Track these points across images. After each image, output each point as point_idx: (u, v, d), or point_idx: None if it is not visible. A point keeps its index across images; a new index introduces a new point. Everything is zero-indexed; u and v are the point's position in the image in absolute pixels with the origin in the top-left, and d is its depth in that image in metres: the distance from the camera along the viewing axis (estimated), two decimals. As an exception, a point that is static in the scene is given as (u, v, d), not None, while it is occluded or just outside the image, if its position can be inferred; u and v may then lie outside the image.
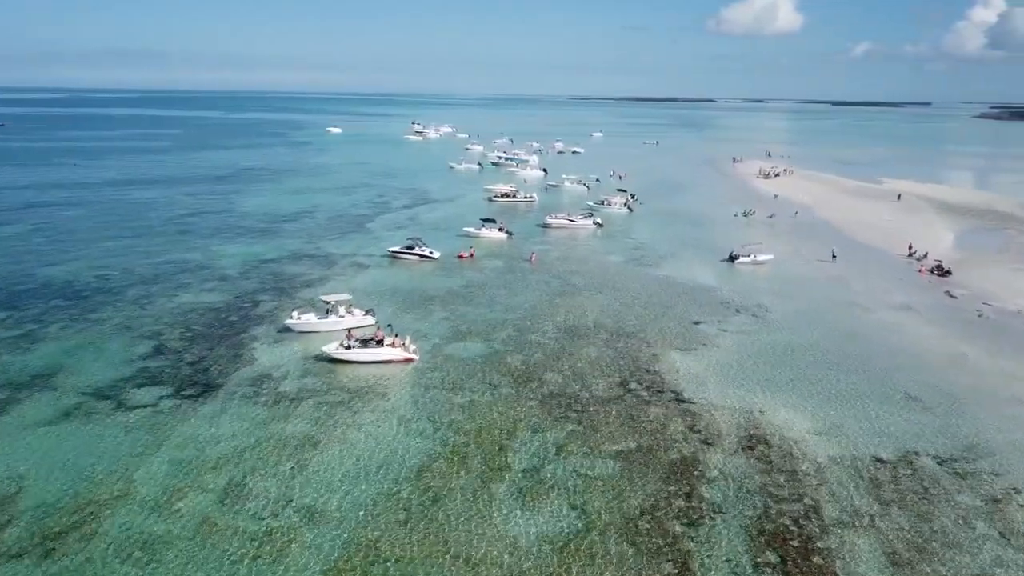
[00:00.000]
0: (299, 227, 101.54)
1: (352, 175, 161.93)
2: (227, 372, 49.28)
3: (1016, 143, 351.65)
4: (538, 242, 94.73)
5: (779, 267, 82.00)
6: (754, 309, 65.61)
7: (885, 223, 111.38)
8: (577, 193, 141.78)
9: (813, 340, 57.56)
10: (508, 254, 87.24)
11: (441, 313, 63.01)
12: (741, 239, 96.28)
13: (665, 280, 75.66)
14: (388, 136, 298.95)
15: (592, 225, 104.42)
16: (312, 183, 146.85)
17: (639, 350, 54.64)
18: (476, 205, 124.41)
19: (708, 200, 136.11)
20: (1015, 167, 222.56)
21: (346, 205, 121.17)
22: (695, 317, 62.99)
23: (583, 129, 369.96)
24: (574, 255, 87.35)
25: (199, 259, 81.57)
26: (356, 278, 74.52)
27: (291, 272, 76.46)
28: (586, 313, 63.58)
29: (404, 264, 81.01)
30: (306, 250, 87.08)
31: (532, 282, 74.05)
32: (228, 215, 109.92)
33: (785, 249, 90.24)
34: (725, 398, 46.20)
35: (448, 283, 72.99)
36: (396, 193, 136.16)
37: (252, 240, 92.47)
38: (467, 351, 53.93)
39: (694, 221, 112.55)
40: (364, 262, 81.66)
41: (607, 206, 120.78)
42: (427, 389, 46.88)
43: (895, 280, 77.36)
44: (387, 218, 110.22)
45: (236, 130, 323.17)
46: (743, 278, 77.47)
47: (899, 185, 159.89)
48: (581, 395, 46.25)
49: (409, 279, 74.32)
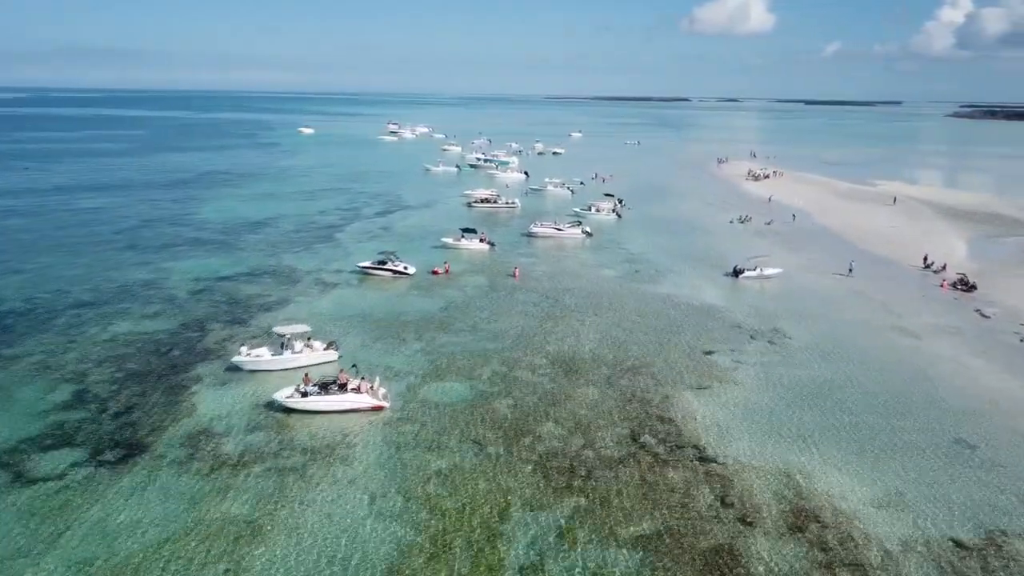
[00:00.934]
0: (261, 238, 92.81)
1: (322, 179, 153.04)
2: (159, 427, 40.88)
3: (993, 142, 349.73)
4: (523, 253, 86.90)
5: (789, 282, 74.82)
6: (770, 335, 58.25)
7: (890, 230, 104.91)
8: (561, 197, 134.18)
9: (843, 375, 50.27)
10: (491, 268, 79.32)
11: (416, 343, 54.93)
12: (740, 248, 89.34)
13: (666, 299, 68.13)
14: (362, 137, 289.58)
15: (581, 234, 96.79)
16: (278, 188, 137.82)
17: (647, 390, 46.99)
18: (454, 211, 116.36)
19: (700, 204, 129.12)
20: (1000, 167, 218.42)
21: (313, 212, 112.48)
22: (706, 345, 55.50)
23: (561, 129, 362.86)
24: (563, 269, 79.60)
25: (145, 277, 72.74)
26: (320, 300, 66.18)
27: (248, 293, 67.92)
28: (582, 341, 55.85)
29: (375, 282, 72.78)
30: (267, 265, 78.50)
31: (519, 302, 66.19)
32: (183, 225, 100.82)
33: (792, 261, 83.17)
34: (757, 455, 38.67)
35: (424, 305, 64.92)
36: (368, 199, 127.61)
37: (207, 254, 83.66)
38: (447, 394, 45.95)
39: (688, 228, 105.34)
40: (331, 279, 73.27)
41: (594, 212, 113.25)
42: (399, 449, 38.84)
43: (918, 297, 70.49)
44: (358, 227, 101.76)
45: (203, 131, 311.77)
46: (751, 296, 70.20)
47: (892, 187, 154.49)
48: (585, 455, 38.46)
49: (380, 300, 66.12)
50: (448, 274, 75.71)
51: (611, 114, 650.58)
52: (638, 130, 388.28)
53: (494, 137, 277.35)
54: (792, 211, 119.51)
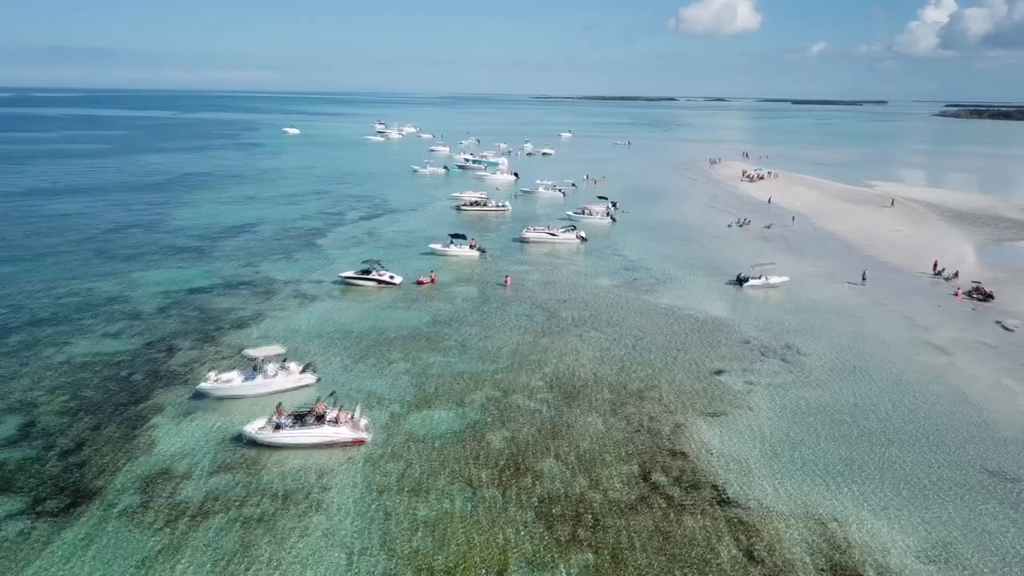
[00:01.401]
0: (238, 245, 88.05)
1: (305, 181, 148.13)
2: (111, 468, 36.33)
3: (982, 142, 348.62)
4: (515, 260, 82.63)
5: (797, 292, 70.87)
6: (782, 351, 54.25)
7: (894, 234, 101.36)
8: (552, 200, 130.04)
9: (869, 398, 46.29)
10: (481, 276, 75.03)
11: (402, 364, 50.52)
12: (741, 254, 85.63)
13: (668, 311, 64.02)
14: (348, 137, 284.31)
15: (575, 240, 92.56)
16: (259, 191, 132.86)
17: (656, 418, 42.81)
18: (443, 215, 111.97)
19: (696, 207, 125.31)
20: (994, 167, 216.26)
21: (295, 217, 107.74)
22: (714, 364, 51.42)
23: (550, 129, 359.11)
24: (558, 278, 75.38)
25: (112, 289, 67.95)
26: (299, 314, 61.59)
27: (221, 307, 63.26)
28: (581, 360, 51.63)
29: (359, 293, 68.29)
30: (243, 276, 73.82)
31: (512, 315, 61.90)
32: (157, 230, 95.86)
33: (797, 268, 79.28)
34: (783, 497, 34.57)
35: (411, 318, 60.52)
36: (353, 202, 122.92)
37: (181, 262, 78.90)
38: (435, 424, 41.61)
39: (685, 233, 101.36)
40: (311, 291, 68.71)
41: (588, 216, 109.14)
42: (382, 493, 34.48)
43: (933, 307, 66.68)
44: (342, 232, 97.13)
45: (185, 131, 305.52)
46: (758, 307, 66.20)
47: (889, 189, 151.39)
48: (591, 499, 34.23)
49: (363, 314, 61.63)
50: (434, 283, 71.40)
51: (599, 114, 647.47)
52: (627, 130, 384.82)
53: (482, 137, 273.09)
54: (791, 214, 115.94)
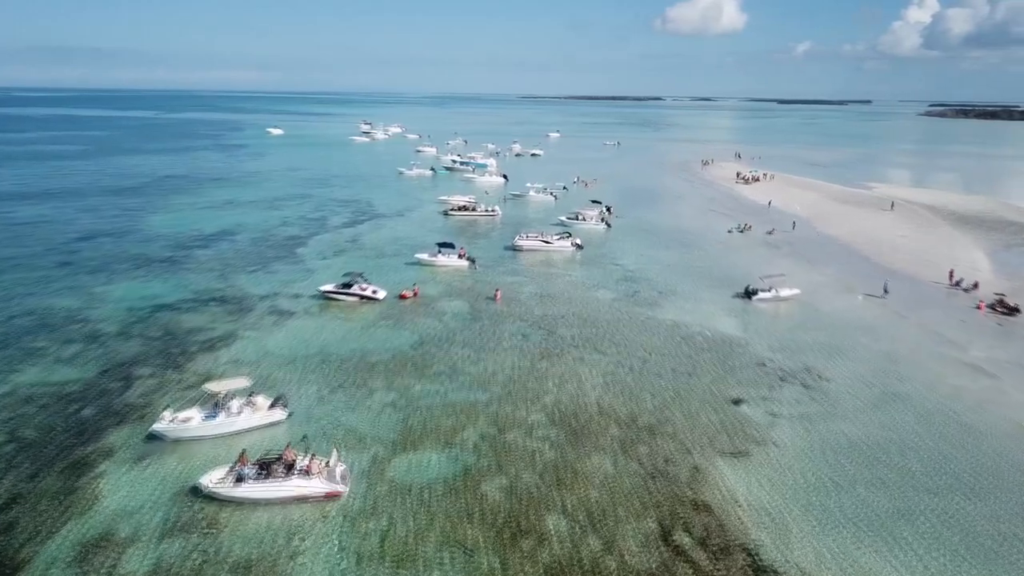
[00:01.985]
0: (213, 255, 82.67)
1: (287, 184, 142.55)
2: (44, 532, 31.20)
3: (972, 141, 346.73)
4: (507, 271, 77.71)
5: (810, 305, 66.32)
6: (803, 375, 49.64)
7: (901, 240, 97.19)
8: (544, 204, 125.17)
9: (906, 431, 41.70)
10: (471, 289, 70.07)
11: (385, 394, 45.51)
12: (745, 262, 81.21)
13: (674, 329, 59.29)
14: (333, 137, 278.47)
15: (571, 247, 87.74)
16: (239, 195, 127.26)
17: (672, 459, 38.03)
18: (430, 220, 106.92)
19: (693, 211, 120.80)
20: (987, 167, 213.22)
21: (275, 223, 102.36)
22: (730, 391, 46.73)
23: (538, 128, 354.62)
24: (554, 290, 70.50)
25: (71, 306, 62.54)
26: (273, 335, 56.39)
27: (189, 326, 57.99)
28: (584, 388, 46.80)
29: (340, 309, 63.15)
30: (216, 289, 68.53)
31: (506, 334, 56.98)
32: (128, 239, 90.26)
33: (806, 279, 74.75)
34: (827, 562, 29.86)
35: (396, 339, 55.50)
36: (336, 206, 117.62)
37: (150, 275, 73.48)
38: (422, 471, 36.65)
39: (685, 239, 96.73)
40: (287, 307, 63.50)
41: (581, 221, 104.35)
42: (360, 562, 29.50)
43: (957, 322, 62.25)
44: (323, 240, 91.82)
45: (169, 132, 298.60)
46: (770, 323, 61.58)
47: (887, 190, 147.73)
48: (604, 565, 29.40)
49: (344, 334, 56.51)
50: (417, 297, 66.39)
51: (587, 113, 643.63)
52: (616, 130, 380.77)
53: (470, 137, 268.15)
54: (792, 219, 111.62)
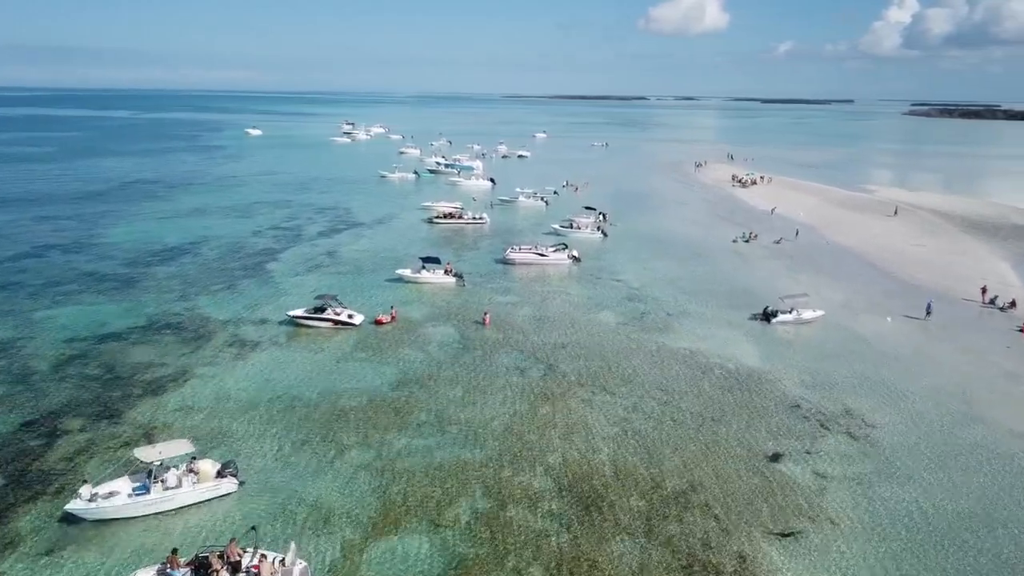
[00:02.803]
0: (174, 271, 75.03)
1: (263, 189, 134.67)
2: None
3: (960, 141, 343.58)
4: (499, 288, 70.63)
5: (837, 329, 59.67)
6: (845, 420, 42.93)
7: (916, 249, 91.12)
8: (534, 210, 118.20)
9: (987, 499, 34.99)
10: (460, 311, 62.95)
11: (358, 453, 38.31)
12: (755, 276, 74.95)
13: (690, 360, 52.47)
14: (313, 138, 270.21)
15: (567, 260, 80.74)
16: (210, 201, 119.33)
17: (709, 543, 31.11)
18: (413, 230, 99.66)
19: (692, 218, 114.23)
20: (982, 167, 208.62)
21: (246, 233, 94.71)
22: (765, 443, 39.92)
23: (523, 129, 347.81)
24: (551, 312, 63.49)
25: (4, 337, 54.84)
26: (232, 372, 48.98)
27: (136, 361, 50.47)
28: (595, 441, 39.81)
29: (311, 337, 55.82)
30: (172, 314, 60.97)
31: (500, 368, 49.93)
32: (82, 252, 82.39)
33: (826, 296, 68.17)
34: None
35: (373, 377, 48.30)
36: (313, 214, 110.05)
37: (99, 297, 65.79)
38: (402, 565, 29.50)
39: (687, 250, 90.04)
40: (252, 336, 56.08)
41: (576, 230, 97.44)
42: None
43: (1003, 348, 55.84)
44: (297, 254, 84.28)
45: (144, 132, 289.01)
46: (795, 351, 54.87)
47: (888, 194, 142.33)
48: None
49: (313, 370, 49.22)
50: (395, 321, 59.17)
51: (572, 113, 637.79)
52: (603, 130, 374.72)
53: (454, 138, 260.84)
54: (796, 225, 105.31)
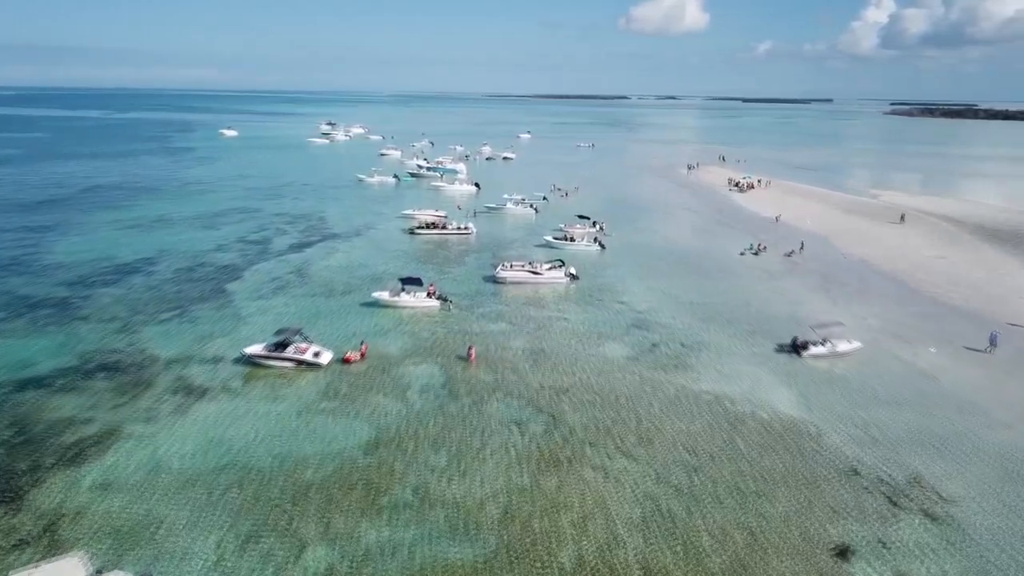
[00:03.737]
0: (121, 294, 66.38)
1: (232, 195, 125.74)
2: None
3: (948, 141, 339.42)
4: (489, 314, 62.63)
5: (878, 365, 52.14)
6: (916, 493, 35.31)
7: (940, 263, 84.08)
8: (523, 219, 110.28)
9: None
10: (444, 343, 54.90)
11: (320, 551, 30.16)
12: (772, 296, 67.73)
13: (715, 407, 44.73)
14: (290, 139, 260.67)
15: (564, 279, 72.84)
16: (174, 209, 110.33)
17: None
18: (392, 241, 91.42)
19: (692, 226, 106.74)
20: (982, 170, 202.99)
21: (208, 247, 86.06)
22: (825, 530, 32.22)
23: (506, 129, 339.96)
24: (550, 344, 55.52)
25: (-97, 382, 46.11)
26: (171, 433, 40.58)
27: (56, 417, 41.97)
28: (618, 532, 31.92)
29: (269, 381, 47.54)
30: (110, 351, 52.42)
31: (493, 422, 41.94)
32: (19, 271, 73.47)
33: (855, 321, 60.65)
34: None
35: (339, 435, 40.13)
36: (284, 224, 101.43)
37: (28, 327, 57.06)
38: None
39: (692, 264, 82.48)
40: (201, 380, 47.69)
41: (571, 242, 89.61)
42: None
43: (1073, 390, 48.57)
44: (262, 272, 75.79)
45: (113, 133, 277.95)
46: (836, 393, 47.27)
47: (893, 199, 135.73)
48: None
49: (269, 428, 40.95)
50: (364, 359, 50.99)
51: (555, 113, 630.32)
52: (588, 130, 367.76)
53: (436, 139, 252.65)
54: (803, 234, 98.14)
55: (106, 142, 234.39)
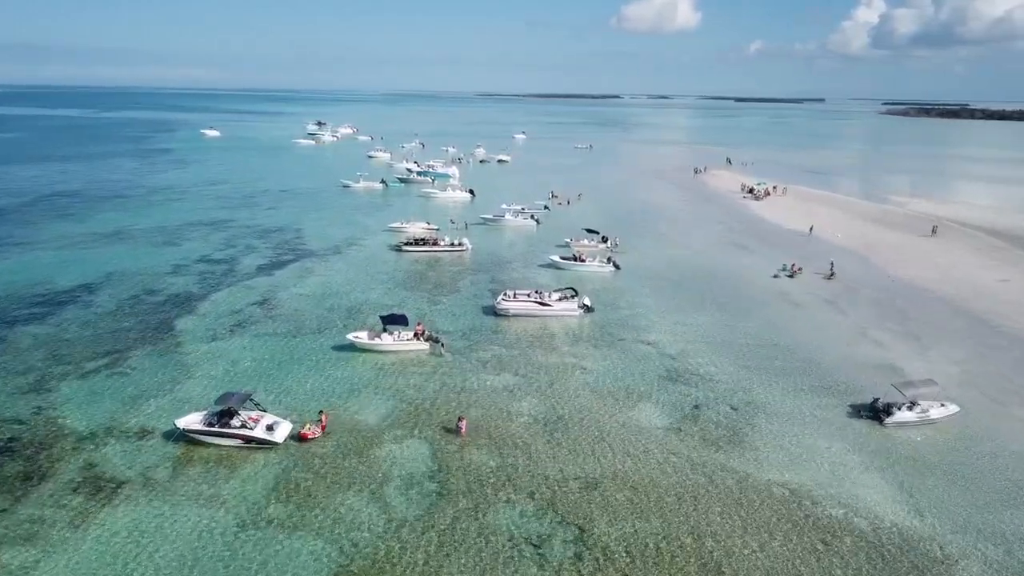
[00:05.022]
0: (45, 334, 54.98)
1: (202, 204, 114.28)
2: None
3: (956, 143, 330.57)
4: (489, 361, 51.50)
5: (991, 437, 41.29)
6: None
7: (1001, 286, 73.63)
8: (523, 232, 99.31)
9: None
10: (432, 405, 43.85)
11: None
12: (826, 336, 56.76)
13: (795, 511, 33.79)
14: (275, 140, 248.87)
15: (576, 311, 61.76)
16: (132, 221, 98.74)
17: None
18: (376, 261, 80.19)
19: (711, 240, 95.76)
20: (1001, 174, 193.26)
21: (163, 269, 74.68)
22: None
23: (500, 129, 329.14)
24: (565, 407, 44.47)
25: None
26: (63, 556, 29.36)
27: (-95, 532, 30.67)
28: None
29: (206, 469, 36.34)
30: (10, 421, 41.05)
31: (499, 542, 30.94)
32: (-69, 304, 61.95)
33: (935, 368, 49.82)
34: None
35: (290, 567, 28.98)
36: (254, 239, 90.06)
37: (-83, 384, 45.62)
38: None
39: (721, 290, 71.57)
40: (116, 467, 36.42)
41: (579, 262, 78.53)
42: None
43: None
44: (221, 302, 64.43)
45: (88, 133, 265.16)
46: (947, 483, 36.36)
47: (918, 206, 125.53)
48: None
49: (195, 555, 29.77)
50: (324, 432, 39.75)
51: (548, 112, 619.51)
52: (583, 130, 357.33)
53: (428, 139, 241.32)
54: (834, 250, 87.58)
55: (80, 143, 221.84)
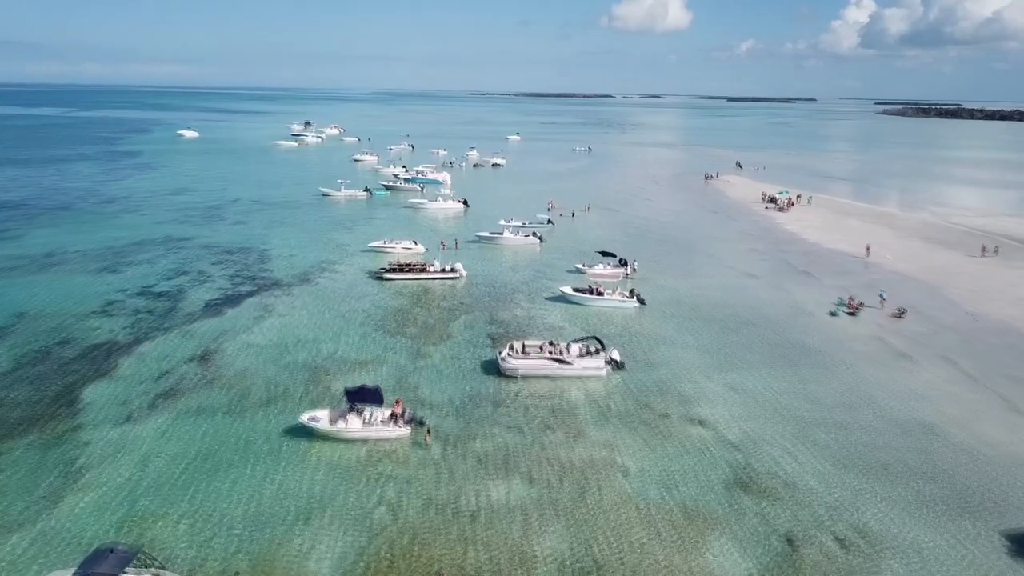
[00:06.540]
0: (-98, 412, 41.15)
1: (159, 217, 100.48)
2: None
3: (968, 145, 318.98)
4: (489, 454, 38.12)
5: None
6: None
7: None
8: (526, 253, 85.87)
9: None
10: (408, 543, 30.45)
11: None
12: (924, 409, 43.53)
13: None
14: (255, 141, 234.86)
15: (603, 368, 48.23)
16: (73, 240, 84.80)
17: None
18: (352, 295, 66.52)
19: (747, 266, 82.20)
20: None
21: (91, 306, 60.91)
22: None
23: (492, 129, 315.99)
24: (602, 547, 31.11)
25: None
26: None
27: None
28: None
29: None
30: None
31: None
32: None
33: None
34: None
35: None
36: (211, 263, 76.34)
37: None
38: None
39: (772, 335, 58.22)
40: None
41: (596, 295, 65.03)
42: None
43: None
44: (147, 358, 50.59)
45: (60, 133, 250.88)
46: None
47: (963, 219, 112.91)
48: None
49: None
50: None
51: (542, 112, 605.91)
52: (577, 130, 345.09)
53: (417, 141, 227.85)
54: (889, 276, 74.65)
55: (45, 145, 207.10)
